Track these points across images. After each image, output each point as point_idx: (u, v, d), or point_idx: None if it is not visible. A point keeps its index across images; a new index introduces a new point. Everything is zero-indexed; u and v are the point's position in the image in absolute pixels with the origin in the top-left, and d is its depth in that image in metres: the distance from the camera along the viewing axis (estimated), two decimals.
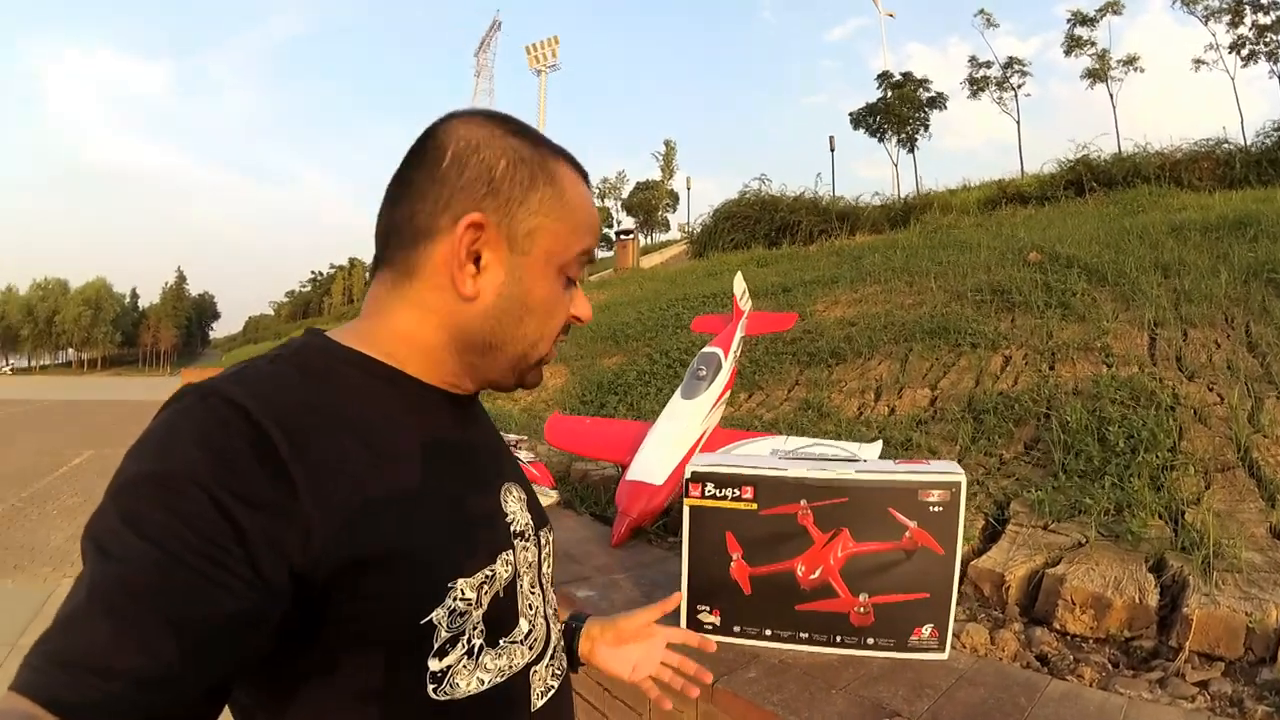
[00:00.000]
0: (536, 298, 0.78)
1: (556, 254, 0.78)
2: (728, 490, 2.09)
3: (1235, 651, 2.09)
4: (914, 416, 5.00)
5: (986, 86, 22.81)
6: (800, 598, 2.06)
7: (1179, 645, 2.12)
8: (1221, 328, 5.23)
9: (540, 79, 55.25)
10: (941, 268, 8.65)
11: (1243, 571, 2.35)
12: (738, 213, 19.65)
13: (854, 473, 2.03)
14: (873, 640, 2.02)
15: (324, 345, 0.76)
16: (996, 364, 5.53)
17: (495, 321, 0.77)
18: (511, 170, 0.75)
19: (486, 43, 65.85)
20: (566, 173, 0.80)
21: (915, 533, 1.97)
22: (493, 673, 0.75)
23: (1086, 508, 3.06)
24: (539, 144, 0.79)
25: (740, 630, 2.12)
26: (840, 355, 6.69)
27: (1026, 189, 15.25)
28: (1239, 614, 2.10)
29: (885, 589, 2.00)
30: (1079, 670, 2.09)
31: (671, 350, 8.51)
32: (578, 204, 0.80)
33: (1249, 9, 19.13)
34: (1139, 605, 2.27)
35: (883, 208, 18.02)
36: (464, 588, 0.71)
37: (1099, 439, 3.73)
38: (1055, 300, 6.34)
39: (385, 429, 0.72)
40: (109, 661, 0.50)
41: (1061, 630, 2.35)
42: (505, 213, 0.75)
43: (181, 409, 0.63)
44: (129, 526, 0.55)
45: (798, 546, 2.05)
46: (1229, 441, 3.50)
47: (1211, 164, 13.31)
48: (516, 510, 0.85)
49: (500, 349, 0.79)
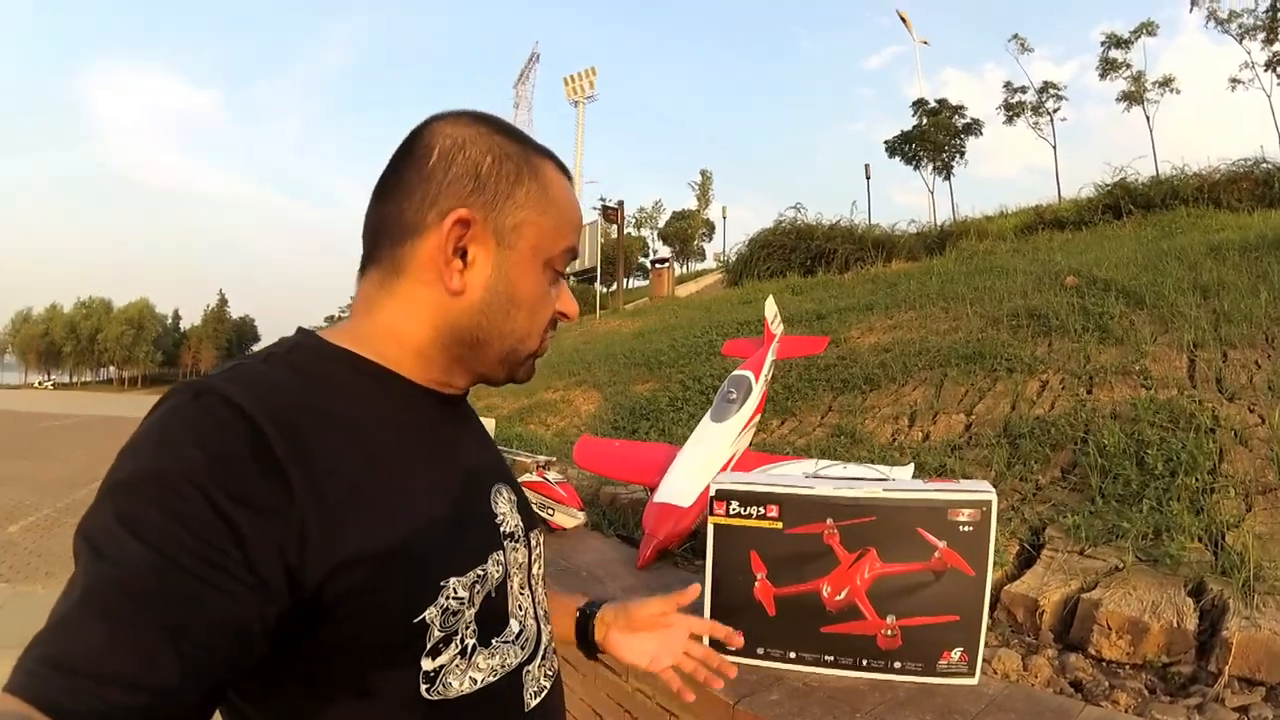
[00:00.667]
0: (523, 292, 0.79)
1: (542, 248, 0.79)
2: (753, 508, 2.08)
3: (1277, 676, 2.02)
4: (949, 442, 4.93)
5: (1022, 112, 22.64)
6: (826, 619, 2.03)
7: (1218, 670, 2.06)
8: (1262, 348, 5.10)
9: (578, 110, 55.87)
10: (977, 293, 8.55)
11: None
12: (773, 241, 19.62)
13: (882, 491, 2.01)
14: (900, 664, 1.99)
15: (316, 344, 0.76)
16: (1033, 389, 5.44)
17: (483, 316, 0.78)
18: (497, 166, 0.77)
19: (525, 75, 66.82)
20: (550, 170, 0.81)
21: (945, 553, 1.94)
22: (485, 672, 0.75)
23: (1123, 532, 2.99)
24: (524, 141, 0.80)
25: (764, 652, 2.09)
26: (874, 381, 6.62)
27: (1064, 214, 15.05)
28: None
29: (913, 611, 1.97)
30: (1114, 696, 2.03)
31: (704, 377, 8.49)
32: (562, 200, 0.81)
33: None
34: (1177, 630, 2.21)
35: (919, 235, 17.90)
36: (456, 586, 0.72)
37: (1137, 462, 3.65)
38: (1092, 324, 6.22)
39: (377, 429, 0.73)
40: (104, 666, 0.50)
41: (1097, 656, 2.29)
42: (492, 208, 0.76)
43: (177, 407, 0.62)
44: (124, 527, 0.54)
45: (824, 567, 2.02)
46: (1270, 463, 3.40)
47: (1250, 184, 13.04)
48: (507, 511, 0.85)
49: (488, 343, 0.79)
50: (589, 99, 56.37)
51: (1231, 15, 19.64)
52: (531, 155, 0.79)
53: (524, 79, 66.96)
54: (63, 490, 9.83)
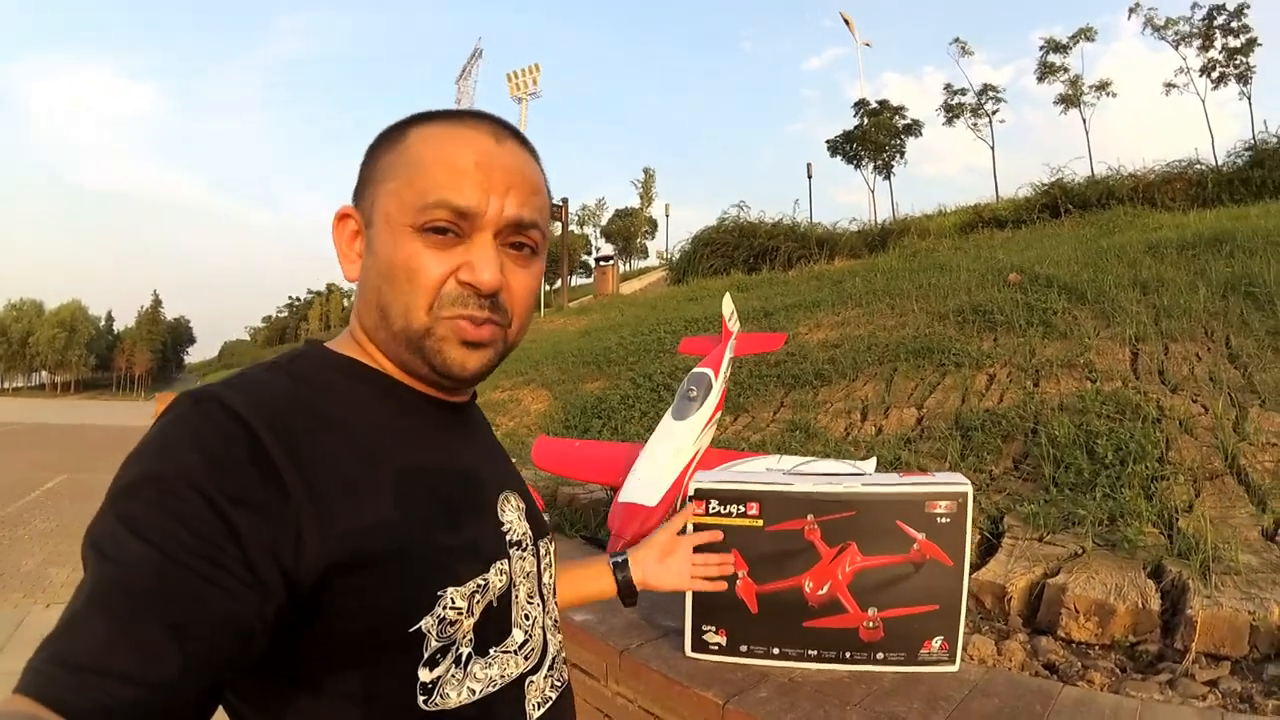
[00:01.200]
0: (386, 263, 0.73)
1: (398, 213, 0.73)
2: (732, 507, 2.08)
3: (1240, 650, 2.12)
4: (902, 435, 5.03)
5: (961, 113, 23.18)
6: (808, 614, 2.04)
7: (1184, 647, 2.15)
8: (1202, 341, 5.33)
9: (521, 107, 55.35)
10: (922, 290, 8.75)
11: (1241, 573, 2.39)
12: (717, 239, 19.79)
13: (861, 486, 2.03)
14: (882, 655, 2.01)
15: (319, 354, 0.78)
16: (981, 382, 5.58)
17: (363, 295, 0.77)
18: (365, 158, 0.78)
19: (468, 70, 66.13)
20: (426, 130, 0.75)
21: (924, 545, 1.97)
22: (483, 683, 0.74)
23: (1080, 519, 3.09)
24: (405, 120, 0.78)
25: (747, 649, 2.09)
26: (825, 377, 6.72)
27: (1002, 213, 15.50)
28: (1242, 613, 2.14)
29: (894, 603, 1.99)
30: (1088, 676, 2.10)
31: (655, 374, 8.52)
32: (423, 153, 0.74)
33: (1219, 33, 19.62)
34: (1142, 610, 2.30)
35: (860, 233, 18.23)
36: (454, 596, 0.71)
37: (1087, 452, 3.78)
38: (1036, 319, 6.42)
39: (376, 434, 0.73)
40: (109, 662, 0.50)
41: (1066, 638, 2.36)
42: (361, 196, 0.77)
43: (178, 415, 0.63)
44: (126, 528, 0.55)
45: (805, 562, 2.04)
46: (1216, 450, 3.56)
47: (1184, 184, 13.62)
48: (514, 519, 0.84)
49: (383, 328, 0.76)
50: (532, 95, 55.95)
51: (1168, 22, 20.42)
52: (404, 128, 0.76)
53: (466, 75, 66.32)
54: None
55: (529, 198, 0.76)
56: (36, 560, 6.42)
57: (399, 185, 0.73)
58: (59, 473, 12.20)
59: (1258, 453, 3.50)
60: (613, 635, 2.40)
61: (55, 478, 11.63)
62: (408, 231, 0.72)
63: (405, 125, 0.77)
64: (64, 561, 6.28)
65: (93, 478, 11.56)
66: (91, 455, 15.23)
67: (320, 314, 78.83)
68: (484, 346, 0.76)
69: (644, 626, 2.46)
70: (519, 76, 55.86)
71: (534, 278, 0.79)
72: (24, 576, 5.94)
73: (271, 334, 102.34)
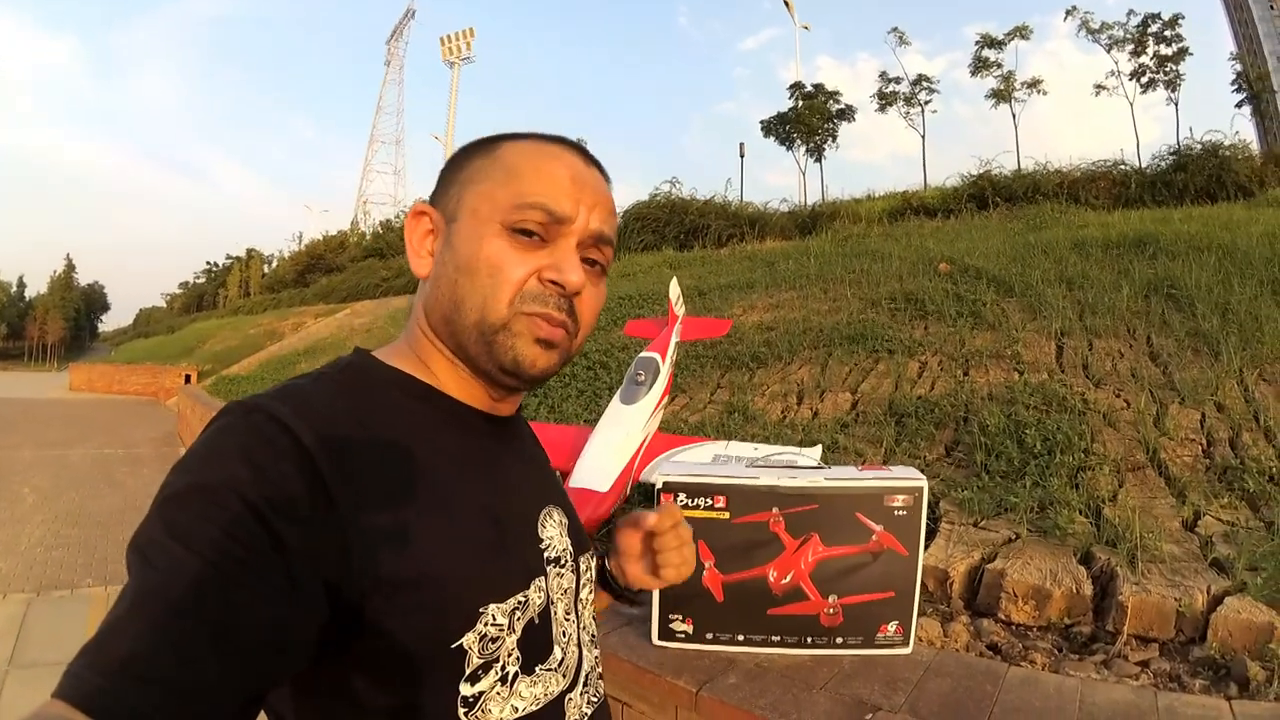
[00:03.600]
0: (467, 257, 0.75)
1: (485, 210, 0.75)
2: (700, 499, 2.15)
3: (1167, 633, 2.31)
4: (837, 419, 5.14)
5: (895, 101, 23.47)
6: (772, 602, 2.14)
7: (1116, 630, 2.32)
8: (1125, 339, 5.61)
9: (454, 71, 54.32)
10: (855, 275, 8.92)
11: (1165, 561, 2.58)
12: (648, 214, 19.65)
13: (824, 480, 2.12)
14: (841, 639, 2.12)
15: (366, 364, 0.78)
16: (914, 369, 5.75)
17: (437, 288, 0.77)
18: (453, 163, 0.81)
19: (399, 31, 64.53)
20: (513, 144, 0.79)
21: (881, 536, 2.08)
22: (528, 700, 0.74)
23: (1012, 505, 3.26)
24: (498, 136, 0.81)
25: (713, 637, 2.18)
26: (761, 359, 6.79)
27: (931, 201, 15.78)
28: (1169, 600, 2.32)
29: (853, 590, 2.11)
30: (1030, 656, 2.25)
31: (591, 352, 8.46)
32: (516, 161, 0.77)
33: (1152, 40, 20.28)
34: (1076, 595, 2.46)
35: (791, 214, 18.33)
36: (495, 613, 0.71)
37: (1017, 441, 3.95)
38: (966, 310, 6.65)
39: (421, 450, 0.72)
40: (149, 670, 0.50)
41: (1006, 620, 2.52)
42: (442, 195, 0.79)
43: (226, 425, 0.64)
44: (172, 537, 0.56)
45: (770, 553, 2.13)
46: (1138, 443, 3.78)
47: (1108, 183, 14.05)
48: (555, 535, 0.84)
49: (455, 321, 0.76)
50: (465, 60, 54.90)
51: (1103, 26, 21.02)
52: (501, 141, 0.80)
53: (397, 35, 64.64)
54: None
55: (609, 217, 0.81)
56: None
57: (492, 186, 0.76)
58: None
59: (1177, 447, 3.74)
60: None
61: None
62: (495, 228, 0.74)
63: (497, 139, 0.80)
64: None
65: (9, 455, 10.93)
66: (6, 432, 14.24)
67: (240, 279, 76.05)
68: (554, 347, 0.77)
69: (608, 615, 2.52)
70: (452, 40, 54.66)
71: (602, 295, 0.83)
72: None
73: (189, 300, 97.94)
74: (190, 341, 37.90)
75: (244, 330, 31.57)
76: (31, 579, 5.24)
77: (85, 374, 29.35)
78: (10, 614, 4.60)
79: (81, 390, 27.39)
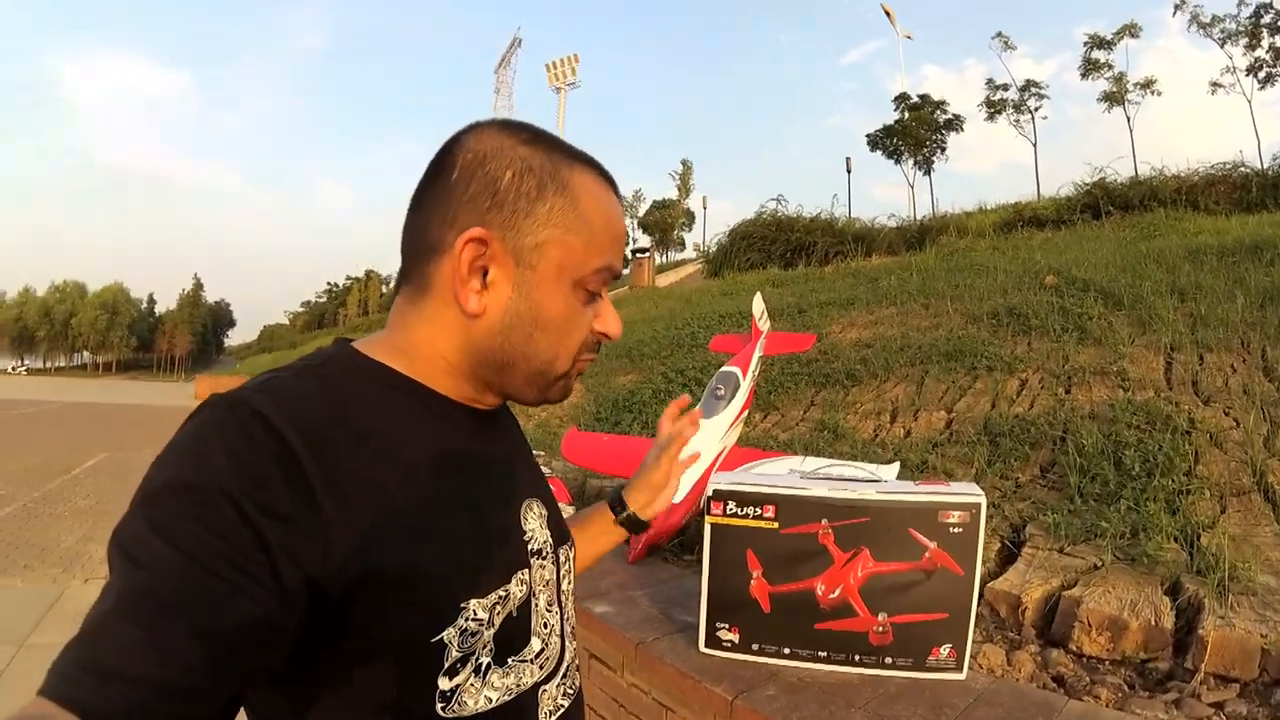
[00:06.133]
0: (548, 314, 0.75)
1: (569, 268, 0.75)
2: (749, 508, 2.13)
3: (1250, 673, 2.11)
4: (929, 439, 4.99)
5: (1003, 109, 22.72)
6: (819, 616, 2.09)
7: (1194, 667, 2.14)
8: (1238, 352, 5.21)
9: (560, 96, 55.66)
10: (958, 290, 8.64)
11: (1258, 594, 2.37)
12: (753, 233, 19.63)
13: (875, 493, 2.07)
14: (891, 660, 2.05)
15: (349, 357, 0.77)
16: (1012, 387, 5.52)
17: (504, 338, 0.76)
18: (518, 181, 0.73)
19: (507, 59, 66.50)
20: (584, 180, 0.77)
21: (935, 553, 2.00)
22: (500, 691, 0.76)
23: (1102, 531, 3.07)
24: (554, 151, 0.76)
25: (759, 648, 2.15)
26: (856, 377, 6.67)
27: (1043, 212, 15.22)
28: (1254, 636, 2.13)
29: (904, 609, 2.03)
30: (1095, 691, 2.11)
31: (687, 369, 8.52)
32: (594, 214, 0.76)
33: (1266, 32, 19.04)
34: (1155, 627, 2.30)
35: (898, 230, 17.99)
36: (476, 608, 0.72)
37: (1115, 463, 3.73)
38: (1071, 324, 6.32)
39: (405, 444, 0.73)
40: (134, 668, 0.51)
41: (1078, 652, 2.37)
42: (510, 226, 0.73)
43: (209, 419, 0.64)
44: (156, 534, 0.56)
45: (818, 565, 2.08)
46: (1244, 466, 3.50)
47: (1228, 187, 13.24)
48: (536, 527, 0.86)
49: (514, 366, 0.77)
50: (571, 86, 56.22)
51: (1214, 20, 19.87)
52: (560, 165, 0.75)
53: (505, 64, 66.65)
54: (38, 480, 9.66)
55: None
56: (75, 536, 6.61)
57: (575, 241, 0.75)
58: (99, 451, 12.52)
59: None
60: (630, 628, 2.46)
61: (95, 456, 11.92)
62: (568, 285, 0.76)
63: (561, 163, 0.76)
64: (102, 538, 6.29)
65: (133, 456, 11.86)
66: (132, 434, 15.60)
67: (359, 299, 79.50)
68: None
69: (661, 621, 2.52)
70: (557, 67, 56.08)
71: None
72: (62, 552, 6.13)
73: (310, 318, 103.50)
74: None
75: None
76: None
77: (210, 385, 31.49)
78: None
79: None
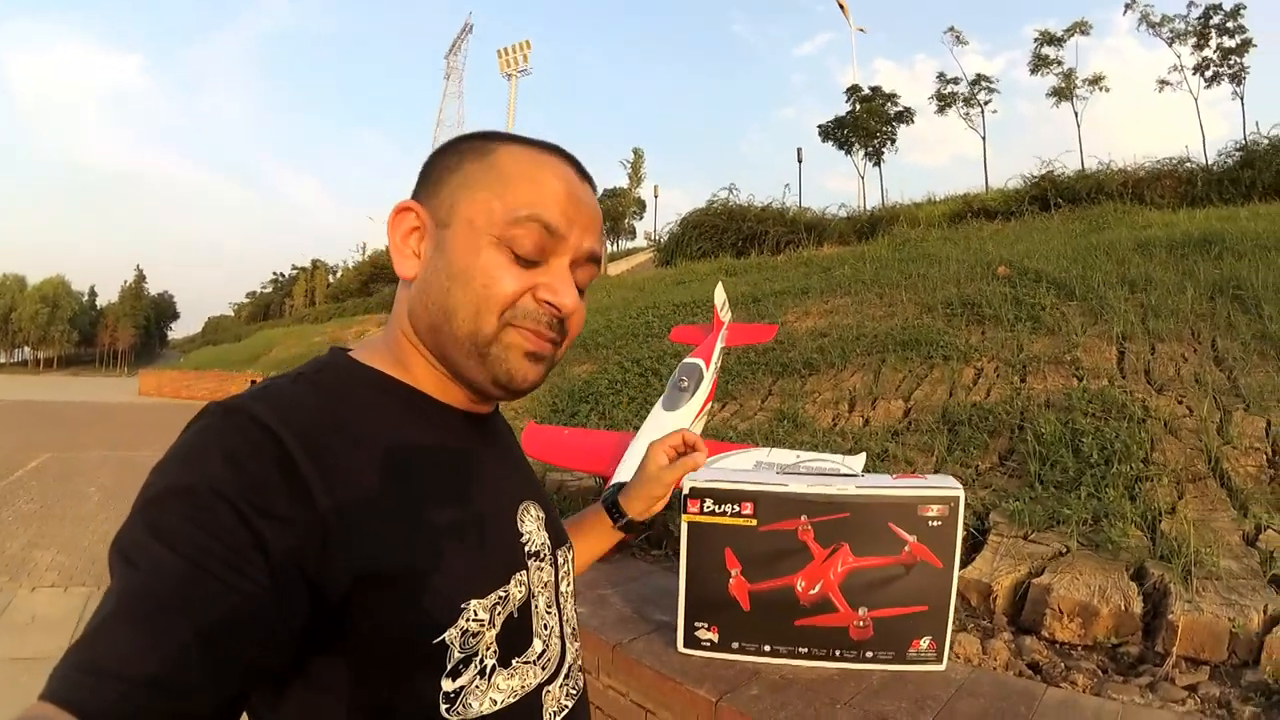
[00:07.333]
0: (459, 265, 0.74)
1: (481, 221, 0.74)
2: (727, 506, 2.11)
3: (1219, 655, 2.17)
4: (889, 427, 5.05)
5: (954, 103, 23.04)
6: (800, 613, 2.08)
7: (1165, 651, 2.19)
8: (1189, 342, 5.37)
9: (511, 83, 55.12)
10: (911, 280, 8.76)
11: (1222, 578, 2.43)
12: (705, 222, 19.67)
13: (854, 488, 2.06)
14: (871, 654, 2.05)
15: (344, 364, 0.78)
16: (969, 376, 5.61)
17: (425, 294, 0.76)
18: (443, 159, 0.79)
19: (458, 45, 65.75)
20: (509, 150, 0.77)
21: (914, 547, 2.00)
22: (505, 693, 0.75)
23: (1065, 518, 3.13)
24: (489, 135, 0.79)
25: (739, 646, 2.13)
26: (813, 366, 6.72)
27: (992, 204, 15.50)
28: (1222, 619, 2.18)
29: (884, 603, 2.03)
30: (1071, 677, 2.14)
31: (643, 359, 8.49)
32: (513, 173, 0.76)
33: (1214, 32, 19.60)
34: (1124, 613, 2.34)
35: (849, 220, 18.18)
36: (477, 609, 0.72)
37: (1073, 450, 3.81)
38: (1025, 314, 6.46)
39: (400, 448, 0.73)
40: (131, 667, 0.51)
41: (1050, 638, 2.41)
42: (432, 195, 0.77)
43: (207, 425, 0.64)
44: (155, 538, 0.56)
45: (798, 562, 2.07)
46: (1199, 453, 3.60)
47: (1174, 182, 13.62)
48: (533, 529, 0.86)
49: (440, 329, 0.76)
50: (523, 72, 55.72)
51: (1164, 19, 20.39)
52: (488, 142, 0.78)
53: (456, 49, 65.88)
54: None
55: (600, 235, 0.81)
56: (20, 543, 6.28)
57: (487, 195, 0.75)
58: (42, 451, 12.05)
59: (1241, 456, 3.55)
60: (605, 629, 2.42)
61: (39, 456, 11.45)
62: (491, 241, 0.74)
63: (490, 138, 0.79)
64: (49, 544, 6.19)
65: (78, 456, 11.44)
66: (78, 434, 15.03)
67: (305, 289, 77.92)
68: (542, 360, 0.78)
69: (636, 621, 2.49)
70: (509, 53, 55.52)
71: (584, 309, 0.83)
72: (8, 560, 5.81)
73: (255, 309, 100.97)
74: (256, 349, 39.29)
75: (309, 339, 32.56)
76: (93, 574, 5.42)
77: (154, 380, 30.63)
78: (71, 605, 4.76)
79: (150, 395, 28.57)
